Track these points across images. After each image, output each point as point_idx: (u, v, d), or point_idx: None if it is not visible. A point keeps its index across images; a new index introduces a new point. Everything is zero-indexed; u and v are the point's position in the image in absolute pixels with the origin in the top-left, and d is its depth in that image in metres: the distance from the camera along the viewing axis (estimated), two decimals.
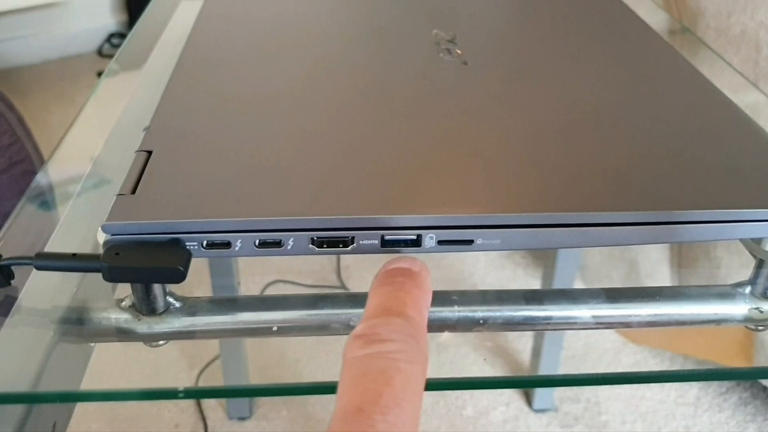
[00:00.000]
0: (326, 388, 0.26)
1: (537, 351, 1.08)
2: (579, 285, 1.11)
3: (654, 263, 1.01)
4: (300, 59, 0.41)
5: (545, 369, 1.07)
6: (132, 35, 0.60)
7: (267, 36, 0.45)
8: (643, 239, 0.30)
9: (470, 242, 0.29)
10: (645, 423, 1.06)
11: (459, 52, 0.42)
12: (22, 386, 0.28)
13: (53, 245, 0.35)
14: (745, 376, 1.01)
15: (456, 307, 0.31)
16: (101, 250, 0.27)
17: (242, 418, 1.06)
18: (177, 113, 0.35)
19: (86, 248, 0.34)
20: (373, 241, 0.28)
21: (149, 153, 0.31)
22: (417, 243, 0.28)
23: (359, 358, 0.20)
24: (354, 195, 0.29)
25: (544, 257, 1.11)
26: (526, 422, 1.07)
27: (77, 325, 0.31)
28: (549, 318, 0.32)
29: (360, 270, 1.28)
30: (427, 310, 0.24)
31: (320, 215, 0.28)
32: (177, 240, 0.27)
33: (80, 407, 0.32)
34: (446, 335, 0.31)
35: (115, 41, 2.16)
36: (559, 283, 0.98)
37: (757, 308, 0.33)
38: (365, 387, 0.19)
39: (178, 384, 1.09)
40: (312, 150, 0.32)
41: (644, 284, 1.04)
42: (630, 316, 0.33)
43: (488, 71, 0.40)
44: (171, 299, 0.31)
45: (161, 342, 0.32)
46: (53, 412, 0.31)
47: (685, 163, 0.32)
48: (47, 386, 0.29)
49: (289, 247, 0.28)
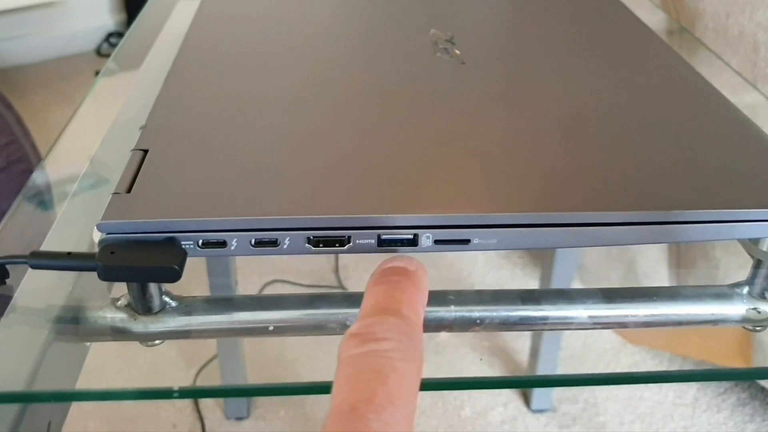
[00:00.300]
0: (322, 388, 0.26)
1: (535, 351, 1.08)
2: (577, 285, 1.10)
3: (652, 263, 1.01)
4: (296, 59, 0.41)
5: (543, 369, 1.07)
6: (129, 34, 0.60)
7: (264, 35, 0.45)
8: (641, 239, 0.29)
9: (467, 242, 0.28)
10: (643, 424, 1.06)
11: (457, 52, 0.42)
12: (17, 385, 0.28)
13: (49, 243, 0.35)
14: (743, 377, 1.01)
15: (452, 307, 0.31)
16: (97, 249, 0.27)
17: (240, 418, 1.06)
18: (173, 112, 0.35)
19: (82, 247, 0.34)
20: (370, 241, 0.28)
21: (145, 152, 0.31)
22: (414, 242, 0.28)
23: (354, 357, 0.20)
24: (350, 194, 0.29)
25: (542, 257, 1.11)
26: (524, 423, 1.07)
27: (73, 324, 0.31)
28: (545, 318, 0.32)
29: (358, 270, 1.28)
30: (423, 309, 0.24)
31: (316, 214, 0.28)
32: (172, 239, 0.27)
33: (76, 406, 0.32)
34: (444, 335, 0.31)
35: (114, 41, 2.15)
36: (557, 283, 0.98)
37: (755, 308, 0.33)
38: (360, 386, 0.19)
39: (176, 383, 1.09)
40: (308, 149, 0.32)
41: (642, 284, 1.04)
42: (627, 317, 0.33)
43: (486, 71, 0.40)
44: (167, 298, 0.31)
45: (157, 341, 0.32)
46: (48, 412, 0.30)
47: (683, 163, 0.32)
48: (42, 385, 0.29)
49: (285, 247, 0.28)
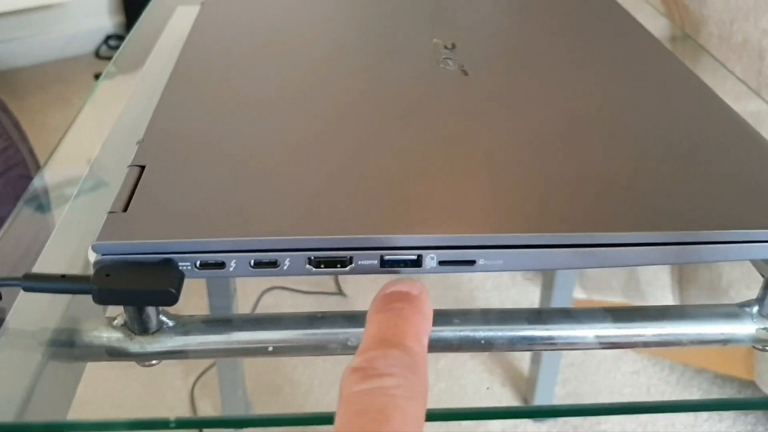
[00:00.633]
0: (325, 419, 0.25)
1: (536, 358, 1.08)
2: (578, 294, 1.10)
3: (654, 272, 1.01)
4: (297, 69, 0.40)
5: (544, 377, 1.07)
6: (130, 38, 0.60)
7: (264, 44, 0.44)
8: (651, 260, 0.29)
9: (472, 263, 0.28)
10: (644, 431, 1.05)
11: (459, 63, 0.41)
12: (8, 414, 0.27)
13: (47, 254, 0.34)
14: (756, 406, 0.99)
15: (458, 328, 0.31)
16: (92, 271, 0.26)
17: (238, 428, 1.05)
18: (171, 126, 0.34)
19: (80, 259, 0.33)
20: (372, 262, 0.28)
21: (142, 168, 0.31)
22: (417, 263, 0.28)
23: (356, 394, 0.20)
24: (352, 213, 0.28)
25: None
26: (525, 430, 1.06)
27: (67, 346, 0.30)
28: (552, 338, 0.31)
29: (358, 276, 1.27)
30: (428, 337, 0.23)
31: (317, 235, 0.27)
32: (169, 260, 0.26)
33: (74, 406, 0.31)
34: None
35: (113, 43, 2.15)
36: (559, 292, 0.97)
37: (765, 328, 0.32)
38: (362, 426, 0.19)
39: (173, 393, 1.09)
40: (309, 167, 0.31)
41: (644, 293, 1.03)
42: (634, 336, 0.32)
43: (489, 81, 0.40)
44: (164, 318, 0.30)
45: (154, 362, 0.31)
46: None
47: (692, 182, 0.31)
48: (35, 410, 0.28)
49: (286, 268, 0.27)
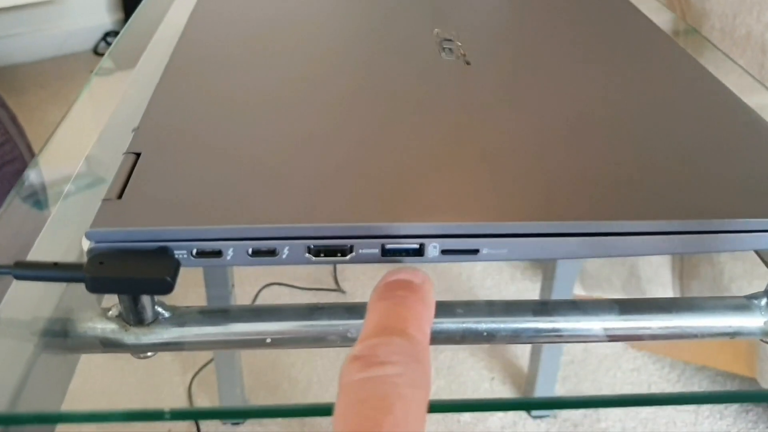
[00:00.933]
0: (323, 410, 0.25)
1: (536, 355, 1.07)
2: (578, 289, 1.09)
3: (655, 268, 1.00)
4: (296, 59, 0.40)
5: (544, 373, 1.06)
6: (125, 32, 0.59)
7: (263, 34, 0.43)
8: (656, 249, 0.28)
9: (476, 252, 0.27)
10: (645, 430, 1.05)
11: (461, 52, 0.40)
12: (0, 405, 0.26)
13: (41, 246, 0.33)
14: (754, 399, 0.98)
15: (461, 319, 0.30)
16: (85, 259, 0.26)
17: (236, 423, 1.05)
18: (167, 113, 0.33)
19: (74, 251, 0.33)
20: (373, 250, 0.27)
21: (137, 155, 0.30)
22: (420, 252, 0.27)
23: (357, 383, 0.19)
24: (353, 201, 0.27)
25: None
26: (524, 428, 1.06)
27: (61, 337, 0.29)
28: (558, 330, 0.31)
29: (357, 272, 1.27)
30: (430, 326, 0.23)
31: (317, 222, 0.26)
32: (165, 248, 0.26)
33: (69, 400, 0.30)
34: None
35: (111, 40, 2.14)
36: (560, 286, 0.96)
37: None
38: (364, 415, 0.18)
39: (171, 388, 1.08)
40: (309, 154, 0.30)
41: (644, 289, 1.03)
42: (642, 329, 0.31)
43: (492, 71, 0.39)
44: (160, 309, 0.30)
45: (149, 353, 0.30)
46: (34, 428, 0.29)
47: (699, 170, 0.30)
48: (28, 401, 0.27)
49: (284, 256, 0.27)
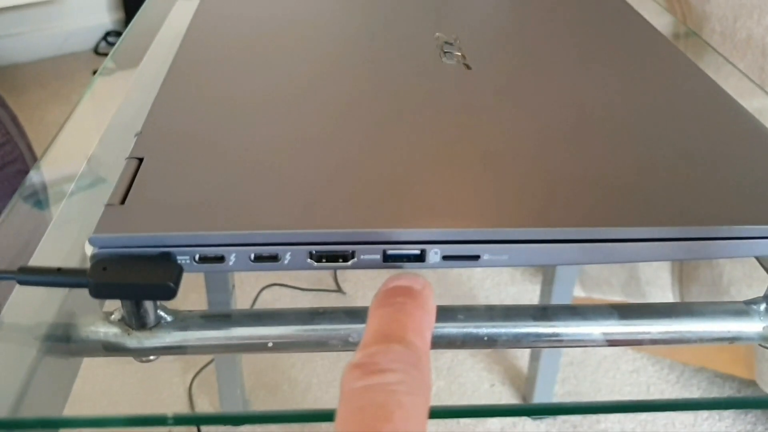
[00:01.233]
0: (325, 416, 0.25)
1: (535, 357, 1.07)
2: (578, 292, 1.09)
3: (655, 270, 1.00)
4: (298, 64, 0.40)
5: (544, 374, 1.06)
6: (127, 33, 0.59)
7: (264, 37, 0.43)
8: (655, 256, 0.28)
9: (476, 258, 0.27)
10: (644, 431, 1.05)
11: (462, 56, 0.41)
12: (3, 409, 0.26)
13: (43, 249, 0.33)
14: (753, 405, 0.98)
15: (462, 324, 0.30)
16: (88, 264, 0.26)
17: (236, 425, 1.05)
18: (170, 118, 0.34)
19: (77, 254, 0.33)
20: (375, 256, 0.27)
21: (140, 160, 0.30)
22: (421, 258, 0.27)
23: (357, 391, 0.19)
24: (355, 207, 0.27)
25: None
26: (524, 429, 1.06)
27: (63, 341, 0.29)
28: (558, 335, 0.31)
29: (357, 273, 1.27)
30: (431, 333, 0.23)
31: (319, 228, 0.26)
32: (168, 254, 0.26)
33: (71, 401, 0.31)
34: None
35: (112, 39, 2.14)
36: (560, 288, 0.96)
37: None
38: (364, 423, 0.18)
39: (171, 389, 1.08)
40: (311, 159, 0.30)
41: (644, 292, 1.03)
42: (641, 334, 0.31)
43: (492, 76, 0.39)
44: (162, 313, 0.30)
45: (152, 357, 0.30)
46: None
47: (699, 177, 0.31)
48: (31, 405, 0.27)
49: (286, 262, 0.27)
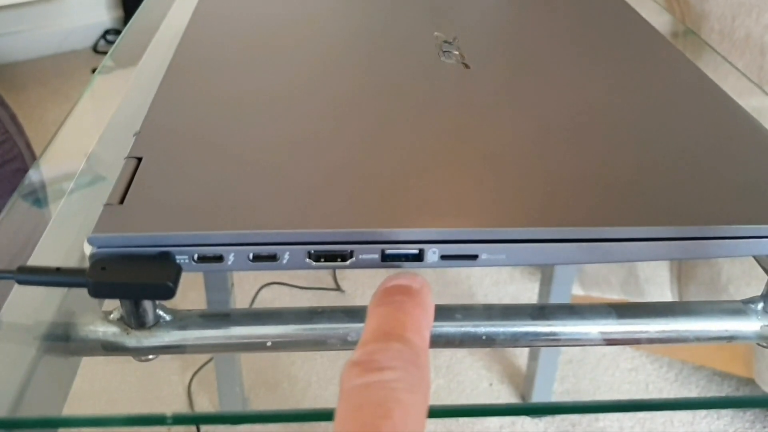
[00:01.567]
0: (324, 415, 0.25)
1: (534, 355, 1.07)
2: (577, 289, 1.10)
3: (653, 268, 1.00)
4: (297, 62, 0.40)
5: (542, 372, 1.06)
6: (127, 31, 0.59)
7: (264, 36, 0.43)
8: (653, 255, 0.28)
9: (475, 257, 0.27)
10: (643, 429, 1.05)
11: (461, 55, 0.41)
12: (2, 409, 0.27)
13: (43, 247, 0.33)
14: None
15: (460, 323, 0.30)
16: (87, 264, 0.26)
17: (235, 424, 1.05)
18: (168, 117, 0.34)
19: (76, 253, 0.33)
20: (373, 256, 0.27)
21: (139, 159, 0.30)
22: (419, 258, 0.27)
23: (356, 389, 0.19)
24: (353, 207, 0.28)
25: None
26: (523, 427, 1.06)
27: (63, 341, 0.29)
28: (555, 334, 0.31)
29: (356, 272, 1.27)
30: (429, 331, 0.23)
31: (318, 228, 0.26)
32: (167, 254, 0.26)
33: (70, 400, 0.31)
34: None
35: (111, 38, 2.14)
36: (558, 287, 0.97)
37: None
38: (363, 421, 0.18)
39: (170, 388, 1.08)
40: (310, 159, 0.30)
41: (643, 290, 1.03)
42: (639, 333, 0.31)
43: (491, 75, 0.39)
44: (161, 312, 0.30)
45: (151, 356, 0.30)
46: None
47: (697, 177, 0.31)
48: (30, 405, 0.28)
49: (285, 261, 0.27)
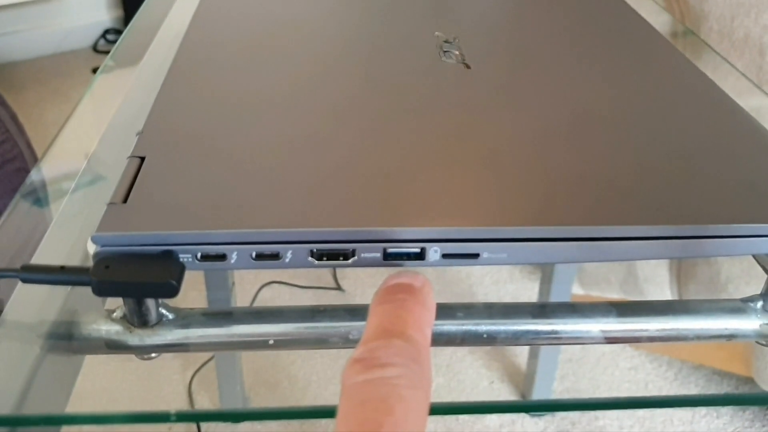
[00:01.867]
0: (326, 413, 0.25)
1: (534, 354, 1.07)
2: (577, 288, 1.10)
3: (653, 267, 1.01)
4: (298, 62, 0.40)
5: (542, 371, 1.07)
6: (128, 31, 0.59)
7: (265, 36, 0.44)
8: (653, 254, 0.29)
9: (476, 256, 0.27)
10: (642, 428, 1.05)
11: (461, 55, 0.41)
12: (6, 407, 0.27)
13: (45, 247, 0.34)
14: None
15: (461, 322, 0.30)
16: (91, 262, 0.26)
17: (236, 422, 1.05)
18: (171, 117, 0.34)
19: (78, 252, 0.33)
20: (375, 254, 0.27)
21: (142, 159, 0.30)
22: (421, 256, 0.27)
23: (358, 385, 0.19)
24: (355, 206, 0.28)
25: None
26: (523, 426, 1.06)
27: (66, 339, 0.30)
28: (556, 332, 0.31)
29: (357, 271, 1.27)
30: (430, 329, 0.23)
31: (320, 227, 0.27)
32: (170, 252, 0.26)
33: (73, 398, 0.31)
34: None
35: (111, 37, 2.14)
36: (558, 285, 0.97)
37: None
38: (365, 417, 0.18)
39: (171, 386, 1.08)
40: (312, 158, 0.31)
41: (642, 289, 1.03)
42: (639, 331, 0.32)
43: (492, 75, 0.39)
44: (164, 311, 0.30)
45: (153, 354, 0.31)
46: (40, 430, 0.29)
47: (697, 176, 0.31)
48: (34, 402, 0.28)
49: (288, 260, 0.27)
